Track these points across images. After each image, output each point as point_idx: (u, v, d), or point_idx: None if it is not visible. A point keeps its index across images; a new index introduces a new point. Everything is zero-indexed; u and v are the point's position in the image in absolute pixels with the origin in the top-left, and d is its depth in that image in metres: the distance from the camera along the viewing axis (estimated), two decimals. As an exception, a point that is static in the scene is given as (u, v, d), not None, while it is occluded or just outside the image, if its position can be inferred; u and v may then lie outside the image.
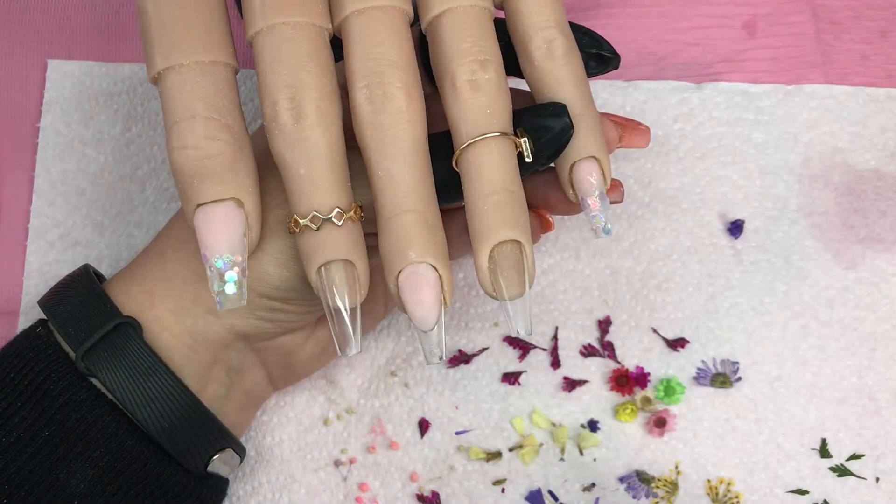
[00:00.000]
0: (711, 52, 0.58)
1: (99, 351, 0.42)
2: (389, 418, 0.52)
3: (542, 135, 0.39)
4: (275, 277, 0.42)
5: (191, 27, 0.38)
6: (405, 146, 0.37)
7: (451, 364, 0.53)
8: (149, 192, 0.55)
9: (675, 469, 0.52)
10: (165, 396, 0.43)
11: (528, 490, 0.52)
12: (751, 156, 0.56)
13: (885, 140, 0.57)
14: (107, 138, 0.55)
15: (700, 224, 0.56)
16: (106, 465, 0.42)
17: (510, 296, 0.38)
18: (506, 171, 0.38)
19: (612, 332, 0.54)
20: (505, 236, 0.37)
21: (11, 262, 0.54)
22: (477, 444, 0.52)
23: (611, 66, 0.44)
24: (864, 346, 0.54)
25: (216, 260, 0.38)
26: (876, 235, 0.56)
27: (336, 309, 0.38)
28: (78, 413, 0.42)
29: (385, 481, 0.52)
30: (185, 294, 0.43)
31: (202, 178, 0.38)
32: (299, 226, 0.38)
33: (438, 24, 0.39)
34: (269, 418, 0.52)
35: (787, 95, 0.57)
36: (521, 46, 0.40)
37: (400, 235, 0.37)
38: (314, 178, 0.37)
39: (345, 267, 0.38)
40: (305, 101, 0.37)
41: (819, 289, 0.55)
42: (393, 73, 0.37)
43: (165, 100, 0.38)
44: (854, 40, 0.59)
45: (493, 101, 0.38)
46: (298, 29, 0.38)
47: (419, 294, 0.37)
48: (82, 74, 0.56)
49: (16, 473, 0.41)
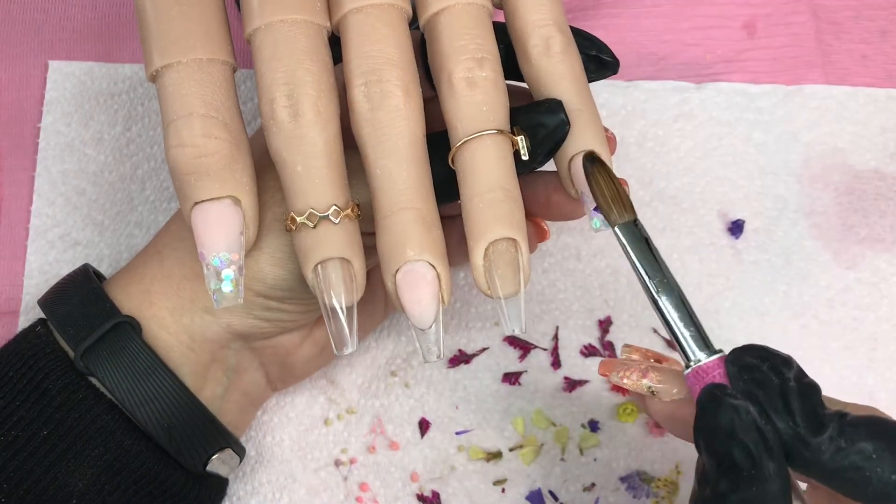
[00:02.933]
0: (711, 52, 0.58)
1: (98, 350, 0.42)
2: (390, 418, 0.52)
3: (538, 132, 0.39)
4: (272, 276, 0.42)
5: (189, 25, 0.38)
6: (403, 144, 0.37)
7: (451, 364, 0.53)
8: (149, 192, 0.55)
9: (675, 469, 0.52)
10: (164, 395, 0.43)
11: (529, 490, 0.52)
12: (751, 156, 0.56)
13: (885, 140, 0.57)
14: (107, 138, 0.55)
15: (700, 224, 0.56)
16: (104, 464, 0.42)
17: (505, 294, 0.37)
18: (502, 169, 0.38)
19: (612, 332, 0.54)
20: (500, 234, 0.37)
21: (11, 262, 0.54)
22: (477, 444, 0.52)
23: (609, 70, 0.44)
24: (864, 346, 0.54)
25: (213, 258, 0.38)
26: (876, 235, 0.56)
27: (332, 307, 0.38)
28: (77, 412, 0.42)
29: (385, 481, 0.52)
30: (182, 293, 0.44)
31: (199, 176, 0.38)
32: (296, 223, 0.38)
33: (436, 21, 0.39)
34: (269, 418, 0.52)
35: (787, 95, 0.57)
36: (519, 45, 0.40)
37: (397, 233, 0.37)
38: (311, 175, 0.37)
39: (341, 265, 0.38)
40: (303, 98, 0.37)
41: (819, 289, 0.55)
42: (391, 70, 0.37)
43: (163, 97, 0.38)
44: (854, 40, 0.59)
45: (489, 99, 0.38)
46: (296, 26, 0.38)
47: (416, 292, 0.37)
48: (83, 75, 0.56)
49: (14, 472, 0.41)
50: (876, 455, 0.34)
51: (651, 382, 0.41)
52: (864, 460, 0.34)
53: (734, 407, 0.35)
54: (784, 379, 0.36)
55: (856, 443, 0.35)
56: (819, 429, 0.35)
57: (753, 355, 0.37)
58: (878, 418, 0.36)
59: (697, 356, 0.38)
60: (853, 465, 0.34)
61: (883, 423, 0.35)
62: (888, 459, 0.34)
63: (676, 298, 0.38)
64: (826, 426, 0.35)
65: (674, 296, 0.38)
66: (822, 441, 0.35)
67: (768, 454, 0.34)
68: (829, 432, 0.35)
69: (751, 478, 0.34)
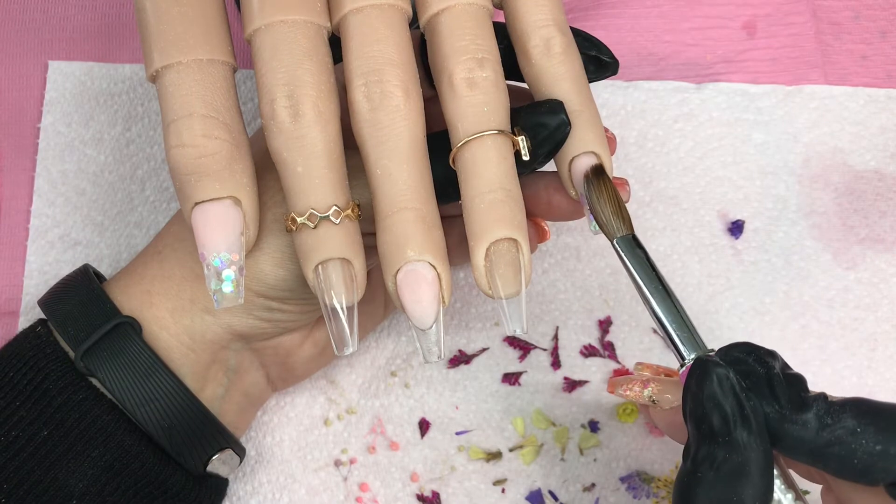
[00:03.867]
0: (711, 52, 0.58)
1: (98, 350, 0.42)
2: (390, 418, 0.52)
3: (539, 132, 0.39)
4: (272, 276, 0.42)
5: (189, 25, 0.38)
6: (403, 144, 0.37)
7: (451, 364, 0.53)
8: (149, 192, 0.55)
9: (675, 469, 0.52)
10: (164, 396, 0.43)
11: (529, 490, 0.52)
12: (751, 156, 0.56)
13: (885, 140, 0.57)
14: (107, 138, 0.55)
15: (700, 224, 0.56)
16: (105, 465, 0.42)
17: (506, 294, 0.38)
18: (503, 170, 0.38)
19: (612, 332, 0.54)
20: (501, 234, 0.37)
21: (11, 262, 0.54)
22: (477, 445, 0.52)
23: (609, 71, 0.44)
24: (864, 346, 0.54)
25: (213, 258, 0.38)
26: (876, 236, 0.56)
27: (333, 308, 0.38)
28: (77, 412, 0.42)
29: (385, 481, 0.52)
30: (182, 293, 0.44)
31: (199, 176, 0.38)
32: (296, 224, 0.38)
33: (437, 22, 0.39)
34: (269, 418, 0.52)
35: (787, 96, 0.57)
36: (520, 45, 0.40)
37: (398, 233, 0.37)
38: (312, 175, 0.37)
39: (342, 265, 0.38)
40: (303, 99, 0.37)
41: (819, 289, 0.55)
42: (391, 71, 0.37)
43: (163, 98, 0.38)
44: (854, 40, 0.59)
45: (490, 99, 0.38)
46: (297, 27, 0.38)
47: (417, 292, 0.37)
48: (83, 75, 0.56)
49: (15, 472, 0.41)
50: (860, 429, 0.36)
51: (651, 393, 0.43)
52: (848, 434, 0.36)
53: (717, 374, 0.37)
54: (769, 367, 0.38)
55: (841, 420, 0.36)
56: (803, 407, 0.37)
57: (740, 350, 0.39)
58: (862, 399, 0.37)
59: (690, 356, 0.39)
60: (838, 440, 0.36)
61: (866, 402, 0.37)
62: (872, 432, 0.36)
63: (670, 305, 0.40)
64: (810, 406, 0.37)
65: (668, 303, 0.40)
66: (809, 419, 0.36)
67: (743, 421, 0.36)
68: (813, 410, 0.36)
69: (725, 444, 0.36)
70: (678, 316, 0.40)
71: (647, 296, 0.40)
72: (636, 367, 0.46)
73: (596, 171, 0.40)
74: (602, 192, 0.40)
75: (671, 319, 0.40)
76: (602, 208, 0.40)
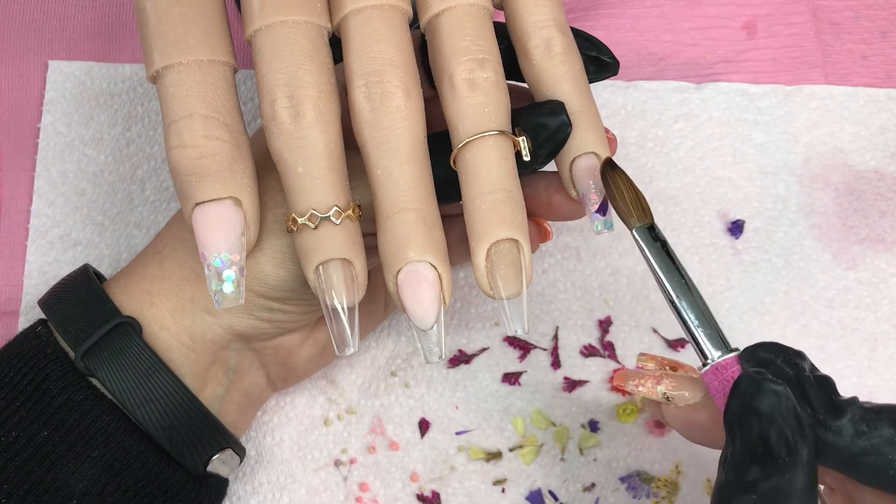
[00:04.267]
0: (711, 52, 0.58)
1: (98, 351, 0.42)
2: (390, 418, 0.52)
3: (540, 133, 0.39)
4: (272, 277, 0.42)
5: (189, 25, 0.38)
6: (404, 144, 0.37)
7: (451, 364, 0.53)
8: (149, 192, 0.55)
9: (675, 469, 0.52)
10: (165, 396, 0.43)
11: (529, 490, 0.52)
12: (751, 156, 0.56)
13: (885, 140, 0.57)
14: (107, 138, 0.55)
15: (700, 224, 0.56)
16: (105, 465, 0.42)
17: (507, 295, 0.38)
18: (504, 170, 0.38)
19: (612, 332, 0.54)
20: (502, 235, 0.37)
21: (11, 262, 0.54)
22: (477, 444, 0.52)
23: (609, 71, 0.44)
24: (864, 346, 0.54)
25: (214, 259, 0.38)
26: (876, 236, 0.56)
27: (334, 308, 0.38)
28: (77, 412, 0.42)
29: (385, 481, 0.52)
30: (182, 293, 0.44)
31: (200, 177, 0.38)
32: (297, 224, 0.38)
33: (437, 22, 0.39)
34: (269, 418, 0.52)
35: (787, 96, 0.57)
36: (520, 46, 0.41)
37: (398, 234, 0.37)
38: (312, 176, 0.37)
39: (342, 266, 0.38)
40: (304, 99, 0.37)
41: (819, 289, 0.55)
42: (391, 71, 0.37)
43: (164, 98, 0.38)
44: (854, 40, 0.59)
45: (491, 100, 0.38)
46: (297, 27, 0.38)
47: (418, 293, 0.37)
48: (83, 75, 0.56)
49: (15, 472, 0.41)
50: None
51: (666, 389, 0.41)
52: (885, 444, 0.35)
53: (775, 392, 0.35)
54: (799, 370, 0.36)
55: (878, 427, 0.35)
56: (838, 413, 0.35)
57: (767, 351, 0.37)
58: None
59: (714, 354, 0.38)
60: (875, 449, 0.35)
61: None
62: None
63: (693, 300, 0.38)
64: (844, 411, 0.35)
65: (691, 297, 0.38)
66: (844, 425, 0.35)
67: (803, 441, 0.35)
68: (848, 416, 0.35)
69: (785, 465, 0.34)
70: (700, 312, 0.38)
71: (668, 288, 0.39)
72: (639, 359, 0.44)
73: (610, 163, 0.40)
74: (619, 183, 0.40)
75: (694, 315, 0.38)
76: (620, 197, 0.40)
